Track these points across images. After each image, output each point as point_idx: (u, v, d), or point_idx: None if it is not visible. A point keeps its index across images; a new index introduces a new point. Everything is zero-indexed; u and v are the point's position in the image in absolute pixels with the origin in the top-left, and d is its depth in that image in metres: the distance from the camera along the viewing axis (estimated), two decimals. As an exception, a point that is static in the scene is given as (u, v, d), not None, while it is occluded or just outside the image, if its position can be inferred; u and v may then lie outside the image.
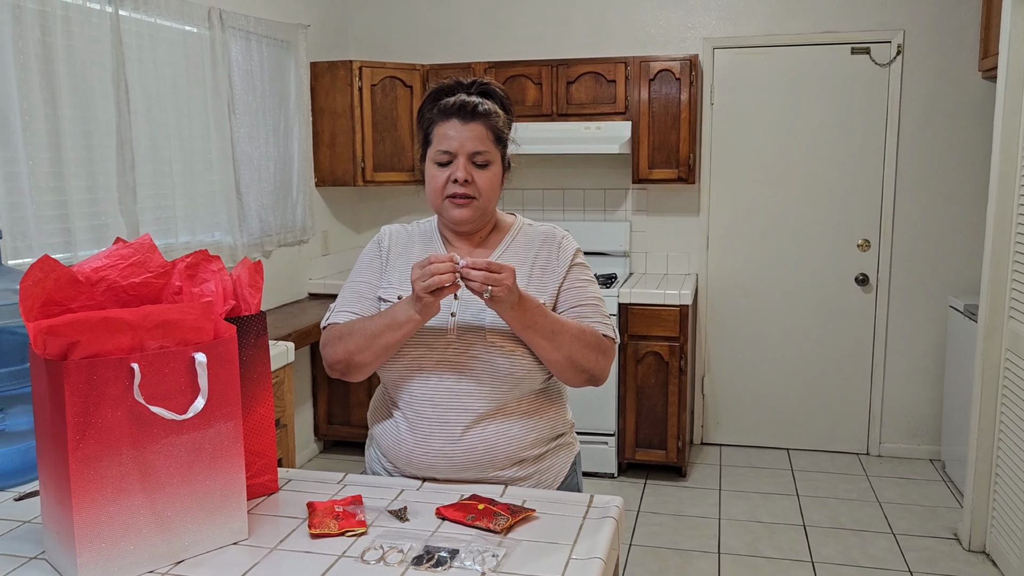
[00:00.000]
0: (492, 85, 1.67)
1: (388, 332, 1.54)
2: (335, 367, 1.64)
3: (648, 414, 4.16)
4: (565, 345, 1.57)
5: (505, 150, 1.67)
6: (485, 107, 1.61)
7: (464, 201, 1.62)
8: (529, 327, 1.53)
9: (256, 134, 3.89)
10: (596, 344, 1.62)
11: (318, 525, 1.34)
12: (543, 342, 1.55)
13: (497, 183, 1.65)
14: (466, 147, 1.60)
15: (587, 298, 1.68)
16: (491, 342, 1.57)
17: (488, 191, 1.63)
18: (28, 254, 2.64)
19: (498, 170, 1.65)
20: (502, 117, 1.65)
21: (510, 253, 1.70)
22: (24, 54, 2.62)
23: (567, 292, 1.67)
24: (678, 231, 4.62)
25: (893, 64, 4.24)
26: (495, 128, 1.62)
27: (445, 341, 1.59)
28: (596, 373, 1.63)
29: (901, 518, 3.71)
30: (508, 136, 1.67)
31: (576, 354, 1.58)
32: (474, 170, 1.61)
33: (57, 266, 1.16)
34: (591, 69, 4.28)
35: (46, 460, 1.22)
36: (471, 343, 1.58)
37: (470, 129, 1.60)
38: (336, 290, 4.48)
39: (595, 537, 1.33)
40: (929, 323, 4.37)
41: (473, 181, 1.61)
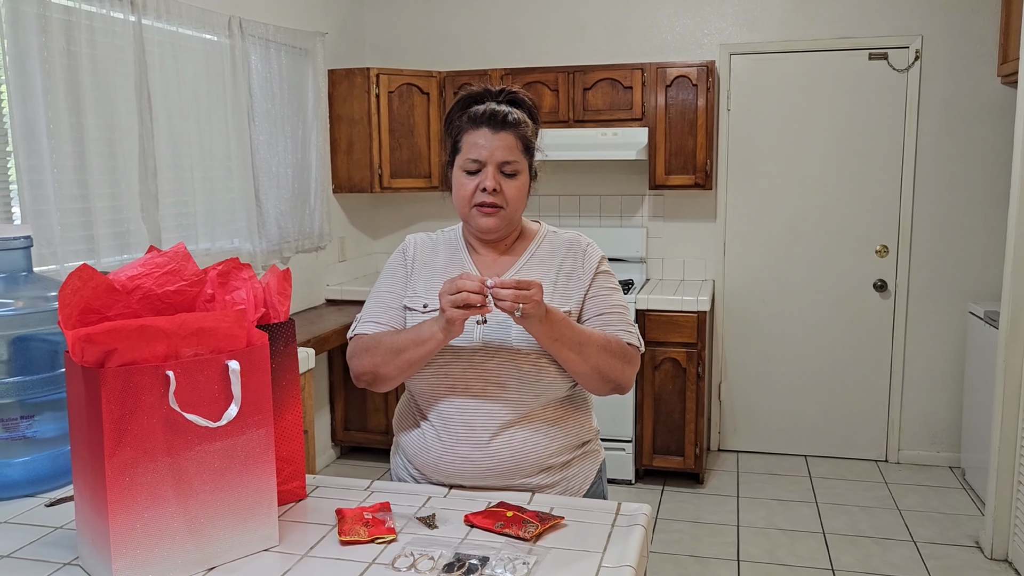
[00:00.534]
0: (520, 94, 1.67)
1: (412, 348, 1.55)
2: (362, 379, 1.66)
3: (665, 420, 4.15)
4: (592, 356, 1.57)
5: (532, 159, 1.67)
6: (515, 116, 1.62)
7: (491, 210, 1.62)
8: (557, 340, 1.54)
9: (275, 141, 3.92)
10: (622, 353, 1.62)
11: (348, 532, 1.35)
12: (571, 354, 1.56)
13: (524, 192, 1.65)
14: (496, 156, 1.60)
15: (612, 306, 1.68)
16: (517, 349, 1.58)
17: (515, 200, 1.64)
18: (52, 261, 2.67)
19: (526, 179, 1.65)
20: (530, 127, 1.65)
21: (535, 261, 1.70)
22: (50, 63, 2.65)
23: (592, 300, 1.68)
24: (695, 237, 4.61)
25: (911, 70, 4.23)
26: (524, 138, 1.63)
27: (471, 347, 1.60)
28: (622, 382, 1.63)
29: (922, 526, 3.68)
30: (535, 145, 1.68)
31: (603, 365, 1.59)
32: (502, 179, 1.62)
33: (95, 274, 1.18)
34: (608, 75, 4.29)
35: (81, 467, 1.23)
36: (497, 349, 1.59)
37: (500, 139, 1.60)
38: (353, 296, 4.50)
39: (625, 545, 1.33)
40: (948, 329, 4.34)
41: (501, 190, 1.61)
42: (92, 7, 2.83)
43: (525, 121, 1.64)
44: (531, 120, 1.66)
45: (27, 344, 1.52)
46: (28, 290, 1.54)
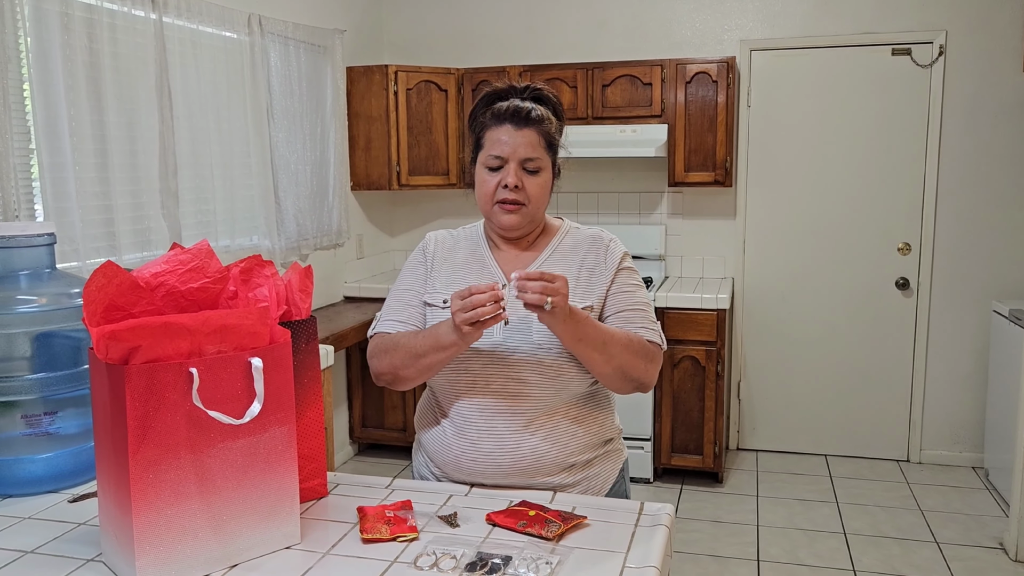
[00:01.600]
0: (545, 91, 1.66)
1: (432, 353, 1.55)
2: (381, 378, 1.66)
3: (684, 419, 4.13)
4: (615, 356, 1.56)
5: (556, 156, 1.66)
6: (538, 113, 1.61)
7: (513, 207, 1.62)
8: (581, 340, 1.52)
9: (293, 139, 3.93)
10: (644, 352, 1.61)
11: (370, 530, 1.34)
12: (594, 354, 1.55)
13: (547, 190, 1.64)
14: (518, 153, 1.59)
15: (634, 303, 1.66)
16: (538, 344, 1.57)
17: (538, 197, 1.62)
18: (74, 258, 2.68)
19: (548, 177, 1.64)
20: (554, 124, 1.64)
21: (557, 256, 1.69)
22: (72, 61, 2.67)
23: (614, 296, 1.66)
24: (714, 234, 4.58)
25: (935, 65, 4.18)
26: (547, 134, 1.62)
27: (492, 345, 1.59)
28: (645, 380, 1.62)
29: (944, 527, 3.64)
30: (559, 142, 1.66)
31: (626, 364, 1.57)
32: (525, 176, 1.60)
33: (119, 272, 1.18)
34: (627, 72, 4.27)
35: (105, 463, 1.23)
36: (518, 345, 1.58)
37: (523, 135, 1.59)
38: (371, 293, 4.51)
39: (648, 545, 1.32)
40: (972, 328, 4.29)
41: (523, 187, 1.60)
42: (114, 5, 2.84)
43: (549, 118, 1.63)
44: (555, 117, 1.65)
45: (50, 341, 1.53)
46: (51, 287, 1.55)
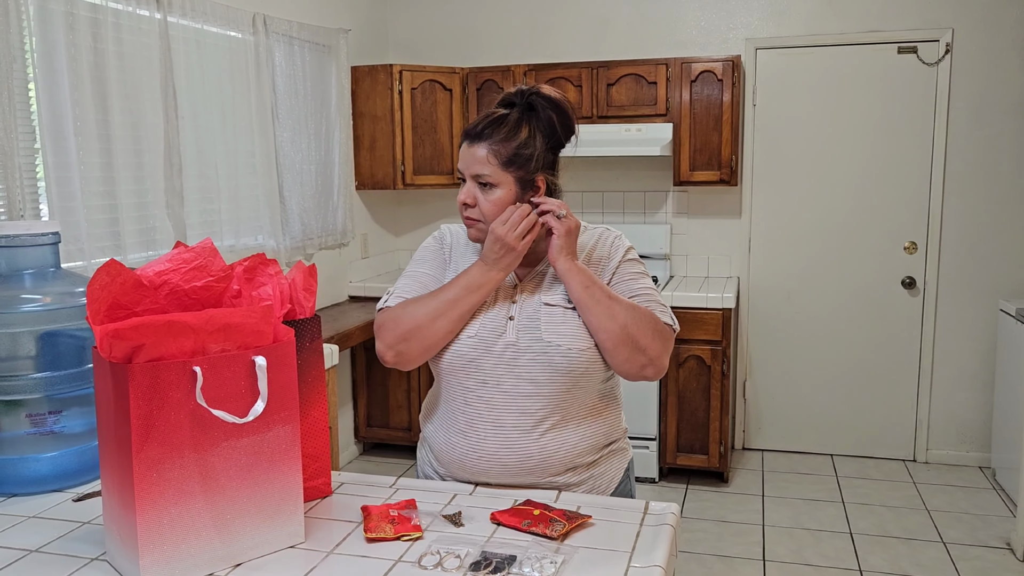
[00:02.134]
0: (538, 100, 1.60)
1: (467, 296, 1.57)
2: (394, 346, 1.60)
3: (689, 418, 4.12)
4: (620, 314, 1.55)
5: (526, 172, 1.58)
6: (492, 129, 1.57)
7: (470, 222, 1.63)
8: (589, 287, 1.55)
9: (298, 138, 3.93)
10: (652, 322, 1.58)
11: (374, 529, 1.34)
12: (598, 308, 1.54)
13: (503, 207, 1.58)
14: (470, 169, 1.59)
15: (638, 289, 1.64)
16: (547, 341, 1.56)
17: (491, 214, 1.58)
18: (80, 257, 2.69)
19: (506, 194, 1.58)
20: (519, 139, 1.57)
21: None
22: (77, 61, 2.67)
23: (618, 285, 1.65)
24: (719, 234, 4.57)
25: (941, 63, 4.16)
26: (500, 152, 1.56)
27: (503, 343, 1.58)
28: (653, 355, 1.57)
29: (951, 527, 3.63)
30: (533, 158, 1.58)
31: (632, 326, 1.55)
32: (479, 192, 1.59)
33: (123, 270, 1.17)
34: (631, 71, 4.26)
35: (109, 462, 1.23)
36: (528, 344, 1.57)
37: (473, 152, 1.58)
38: (375, 293, 4.50)
39: (654, 545, 1.31)
40: (978, 327, 4.27)
41: (476, 204, 1.60)
42: (119, 5, 2.85)
43: (513, 135, 1.57)
44: (539, 134, 1.59)
45: (55, 340, 1.53)
46: (56, 286, 1.55)
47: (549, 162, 1.62)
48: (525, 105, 1.60)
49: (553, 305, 1.59)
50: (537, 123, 1.59)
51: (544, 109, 1.59)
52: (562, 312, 1.58)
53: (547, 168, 1.61)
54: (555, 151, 1.63)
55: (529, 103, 1.60)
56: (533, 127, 1.58)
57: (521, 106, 1.60)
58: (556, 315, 1.58)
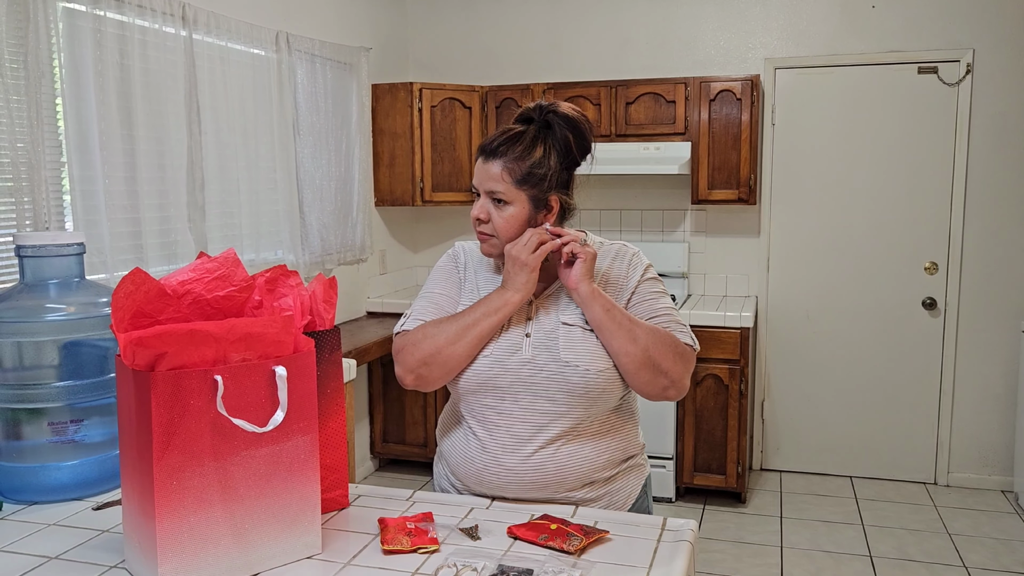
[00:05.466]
0: (555, 119, 1.59)
1: (485, 319, 1.57)
2: (415, 370, 1.60)
3: (707, 438, 4.09)
4: (642, 337, 1.55)
5: (540, 190, 1.59)
6: (507, 147, 1.58)
7: (483, 237, 1.64)
8: (608, 311, 1.55)
9: (319, 155, 3.96)
10: (673, 345, 1.58)
11: (390, 541, 1.34)
12: (620, 332, 1.54)
13: (514, 223, 1.59)
14: (484, 185, 1.60)
15: (659, 309, 1.64)
16: (565, 361, 1.56)
17: (503, 230, 1.60)
18: (103, 270, 2.72)
19: (517, 211, 1.59)
20: (533, 158, 1.57)
21: None
22: (103, 76, 2.71)
23: (638, 305, 1.64)
24: (738, 252, 4.56)
25: (962, 84, 4.14)
26: (514, 171, 1.57)
27: (519, 360, 1.58)
28: (675, 377, 1.57)
29: (973, 551, 3.57)
30: (547, 177, 1.58)
31: (653, 349, 1.55)
32: (493, 209, 1.60)
33: (147, 279, 1.19)
34: (650, 90, 4.27)
35: (129, 470, 1.24)
36: (545, 362, 1.57)
37: (487, 168, 1.59)
38: (393, 308, 4.52)
39: (671, 561, 1.30)
40: (1000, 348, 4.23)
41: (489, 220, 1.61)
42: (145, 22, 2.90)
43: (528, 153, 1.57)
44: (555, 152, 1.59)
45: (78, 349, 1.55)
46: (80, 296, 1.57)
47: (563, 181, 1.61)
48: (542, 122, 1.59)
49: (571, 325, 1.59)
50: (553, 142, 1.58)
51: (561, 128, 1.58)
52: (580, 332, 1.58)
53: (561, 187, 1.61)
54: (570, 170, 1.63)
55: (546, 121, 1.59)
56: (548, 146, 1.58)
57: (538, 123, 1.60)
58: (575, 335, 1.58)
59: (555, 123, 1.59)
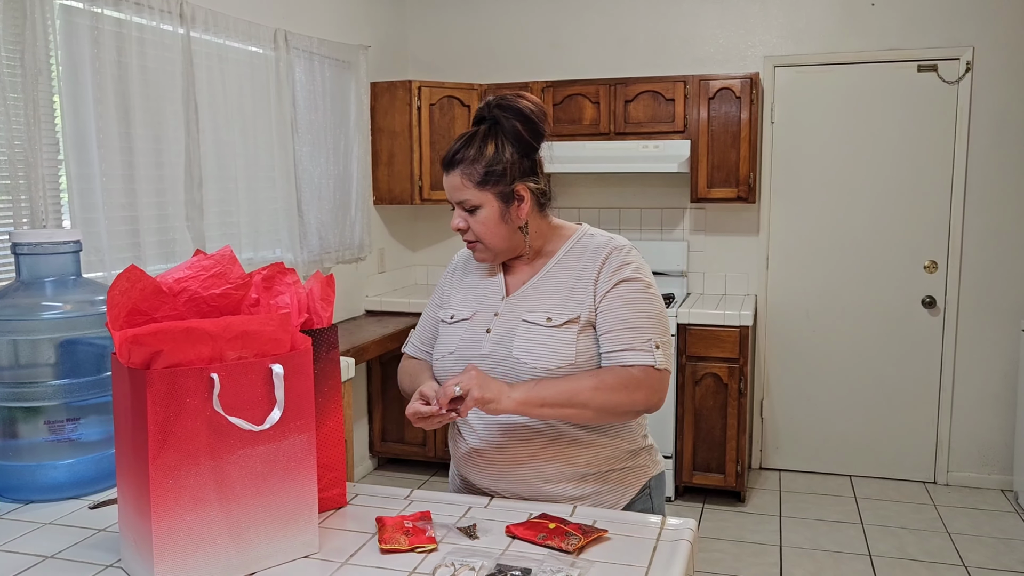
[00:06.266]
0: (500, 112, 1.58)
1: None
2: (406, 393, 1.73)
3: (706, 437, 4.08)
4: (589, 403, 1.52)
5: (506, 185, 1.58)
6: (462, 155, 1.58)
7: (471, 245, 1.65)
8: (543, 405, 1.50)
9: (317, 153, 3.95)
10: (622, 385, 1.53)
11: (388, 540, 1.33)
12: (565, 411, 1.52)
13: (493, 222, 1.59)
14: (452, 197, 1.61)
15: (626, 321, 1.58)
16: (516, 357, 1.58)
17: (484, 234, 1.60)
18: (100, 268, 2.71)
19: (492, 211, 1.59)
20: (487, 156, 1.57)
21: (558, 268, 1.65)
22: (101, 74, 2.70)
23: (606, 313, 1.59)
24: (737, 251, 4.55)
25: (962, 81, 4.14)
26: (473, 174, 1.57)
27: (479, 355, 1.62)
28: (640, 405, 1.56)
29: (973, 550, 3.56)
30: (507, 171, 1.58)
31: (607, 404, 1.53)
32: (468, 217, 1.61)
33: (143, 276, 1.18)
34: (649, 88, 4.26)
35: (126, 468, 1.23)
36: (500, 358, 1.59)
37: (451, 180, 1.60)
38: (392, 307, 4.52)
39: (670, 560, 1.30)
40: (1000, 347, 4.22)
41: (468, 228, 1.62)
42: (143, 20, 2.89)
43: (481, 153, 1.57)
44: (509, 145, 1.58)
45: (74, 347, 1.54)
46: (76, 294, 1.56)
47: (527, 168, 1.60)
48: (491, 120, 1.59)
49: (530, 322, 1.59)
50: (503, 135, 1.58)
51: (507, 120, 1.57)
52: (538, 330, 1.57)
53: (525, 174, 1.60)
54: (529, 156, 1.60)
55: (493, 117, 1.59)
56: (500, 140, 1.57)
57: (488, 121, 1.60)
58: (531, 333, 1.58)
59: (500, 117, 1.58)
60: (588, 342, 1.58)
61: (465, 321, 1.67)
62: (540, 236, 1.66)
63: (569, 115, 4.39)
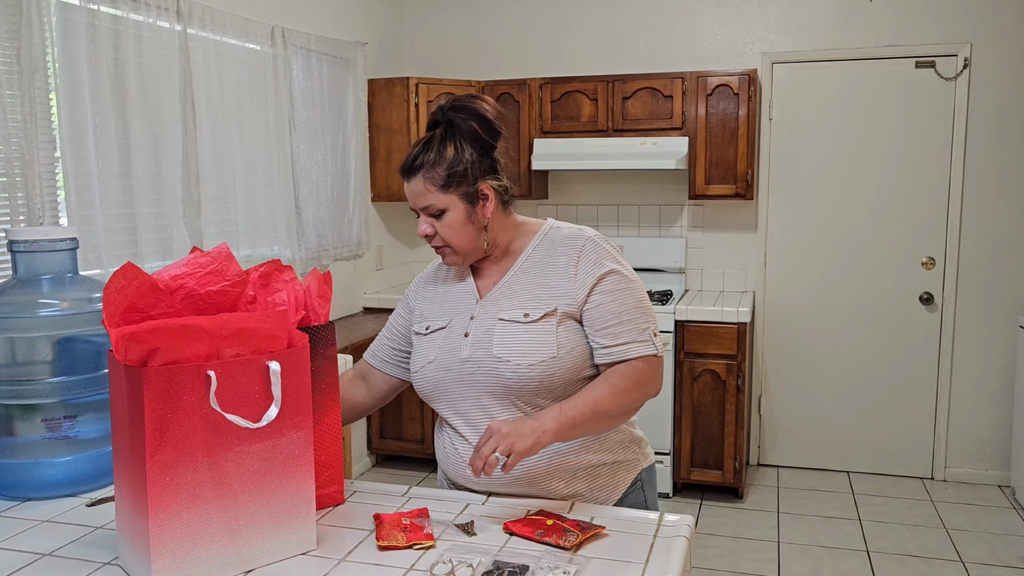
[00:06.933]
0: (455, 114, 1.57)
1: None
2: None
3: (704, 433, 4.09)
4: (612, 410, 1.55)
5: (469, 185, 1.57)
6: (422, 160, 1.56)
7: (440, 252, 1.64)
8: (575, 428, 1.51)
9: (315, 150, 3.95)
10: (635, 383, 1.56)
11: (386, 537, 1.33)
12: (596, 424, 1.55)
13: (460, 225, 1.58)
14: (416, 203, 1.59)
15: (620, 314, 1.57)
16: (497, 357, 1.56)
17: (453, 237, 1.59)
18: (97, 265, 2.71)
19: (458, 214, 1.57)
20: (448, 158, 1.55)
21: (527, 266, 1.64)
22: (97, 71, 2.70)
23: (596, 309, 1.58)
24: (735, 248, 4.55)
25: (959, 78, 4.14)
26: (436, 178, 1.56)
27: (459, 360, 1.60)
28: (651, 394, 1.61)
29: (970, 546, 3.57)
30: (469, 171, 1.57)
31: (627, 406, 1.57)
32: (434, 221, 1.59)
33: (139, 273, 1.18)
34: (647, 84, 4.26)
35: (123, 466, 1.23)
36: (481, 359, 1.58)
37: (411, 188, 1.58)
38: (390, 304, 4.51)
39: (668, 556, 1.30)
40: (997, 343, 4.23)
41: (435, 233, 1.60)
42: (139, 16, 2.88)
43: (441, 156, 1.56)
44: (468, 146, 1.57)
45: (71, 345, 1.54)
46: (73, 291, 1.56)
47: (488, 167, 1.59)
48: (446, 123, 1.58)
49: (507, 320, 1.58)
50: (461, 136, 1.57)
51: (464, 120, 1.56)
52: (515, 327, 1.57)
53: (487, 173, 1.59)
54: (489, 155, 1.60)
55: (449, 120, 1.58)
56: (458, 141, 1.56)
57: (443, 124, 1.58)
58: (510, 330, 1.57)
59: (456, 119, 1.57)
60: (568, 333, 1.57)
61: (441, 330, 1.65)
62: (506, 234, 1.66)
63: (567, 112, 4.39)
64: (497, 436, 1.42)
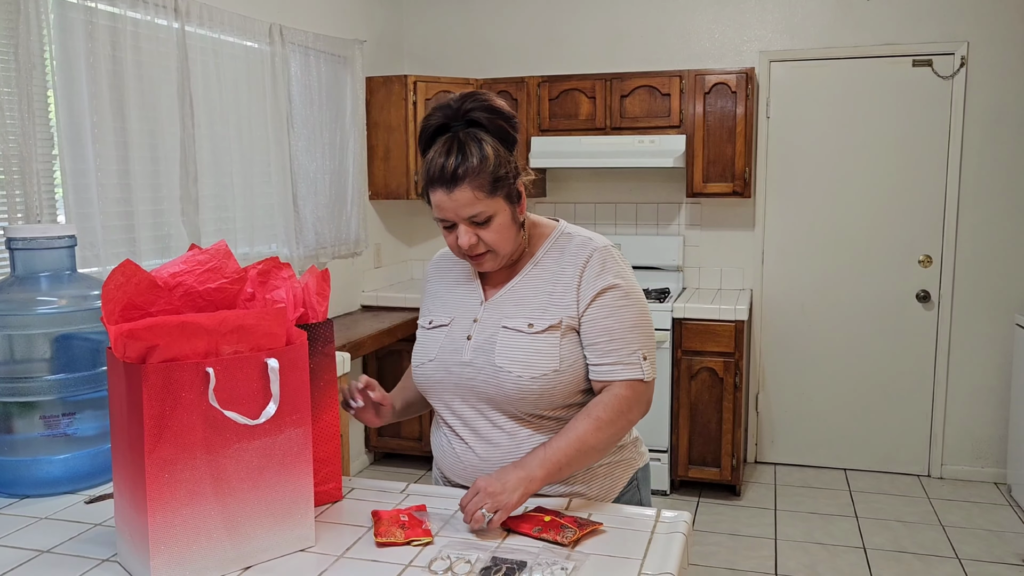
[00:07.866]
0: (479, 116, 1.49)
1: None
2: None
3: (701, 431, 4.09)
4: (597, 444, 1.52)
5: (510, 186, 1.51)
6: (465, 167, 1.46)
7: (480, 259, 1.55)
8: (562, 470, 1.48)
9: (313, 148, 3.95)
10: (617, 412, 1.52)
11: (384, 534, 1.34)
12: (583, 461, 1.52)
13: (507, 228, 1.52)
14: (460, 215, 1.49)
15: (612, 331, 1.54)
16: (499, 366, 1.53)
17: (498, 242, 1.52)
18: (95, 263, 2.71)
19: (504, 218, 1.51)
20: (491, 159, 1.47)
21: (536, 272, 1.60)
22: (95, 69, 2.70)
23: (590, 323, 1.55)
24: (732, 246, 4.56)
25: (956, 76, 4.14)
26: (483, 184, 1.47)
27: (460, 363, 1.58)
28: (635, 420, 1.58)
29: (966, 543, 3.58)
30: (509, 171, 1.51)
31: (612, 438, 1.54)
32: (478, 229, 1.50)
33: (138, 271, 1.18)
34: (645, 83, 4.26)
35: (121, 463, 1.23)
36: (481, 366, 1.55)
37: (456, 198, 1.47)
38: (388, 302, 4.52)
39: (665, 553, 1.30)
40: (994, 341, 4.24)
41: (480, 239, 1.51)
42: (137, 14, 2.88)
43: (483, 161, 1.46)
44: (499, 144, 1.50)
45: (69, 342, 1.54)
46: (71, 289, 1.56)
47: (515, 163, 1.55)
48: (467, 123, 1.49)
49: (511, 329, 1.55)
50: (494, 137, 1.50)
51: (490, 120, 1.50)
52: (519, 337, 1.54)
53: (519, 170, 1.55)
54: (513, 149, 1.55)
55: (470, 120, 1.49)
56: (493, 144, 1.49)
57: (461, 126, 1.49)
58: (514, 340, 1.54)
59: (481, 118, 1.49)
60: (571, 347, 1.55)
61: (443, 327, 1.63)
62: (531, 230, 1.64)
63: (565, 110, 4.39)
64: (483, 494, 1.38)
